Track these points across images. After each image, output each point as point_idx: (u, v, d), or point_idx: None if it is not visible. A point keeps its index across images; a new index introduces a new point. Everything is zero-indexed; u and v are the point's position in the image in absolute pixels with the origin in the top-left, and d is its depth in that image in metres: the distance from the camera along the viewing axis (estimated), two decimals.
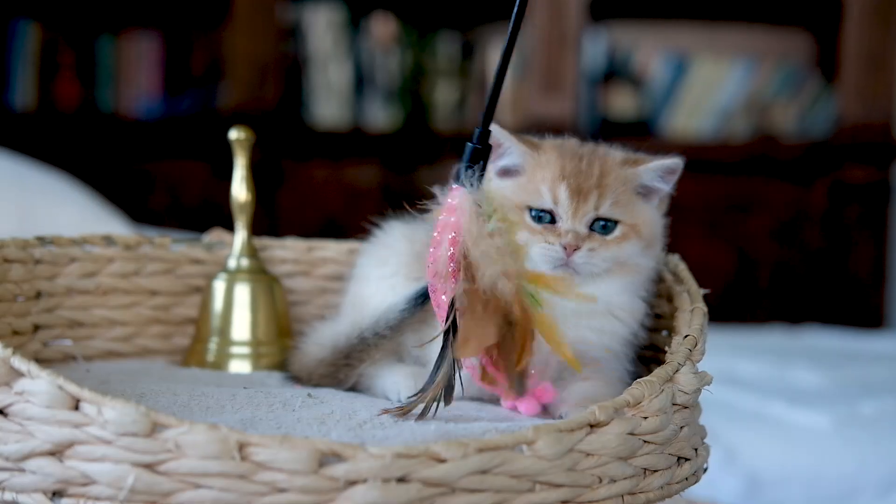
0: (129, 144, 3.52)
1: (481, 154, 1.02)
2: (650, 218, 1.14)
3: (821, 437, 1.97)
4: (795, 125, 3.56)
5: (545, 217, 1.10)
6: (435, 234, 1.00)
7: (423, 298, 1.09)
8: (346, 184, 3.46)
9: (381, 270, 1.19)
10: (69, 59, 3.56)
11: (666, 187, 1.15)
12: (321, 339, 1.20)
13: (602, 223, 1.10)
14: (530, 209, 1.10)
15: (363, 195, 3.43)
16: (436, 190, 1.02)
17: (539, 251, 1.08)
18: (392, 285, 1.17)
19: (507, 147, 1.12)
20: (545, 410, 1.05)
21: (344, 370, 1.14)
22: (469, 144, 1.02)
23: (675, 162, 1.13)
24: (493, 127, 1.07)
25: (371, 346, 1.13)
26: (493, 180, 1.12)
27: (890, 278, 3.48)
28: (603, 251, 1.09)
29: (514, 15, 1.01)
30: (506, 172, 1.14)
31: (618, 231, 1.10)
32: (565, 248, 1.08)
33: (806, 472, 1.90)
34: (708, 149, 3.48)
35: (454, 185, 1.01)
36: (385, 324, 1.12)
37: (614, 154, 1.14)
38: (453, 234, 0.99)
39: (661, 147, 3.49)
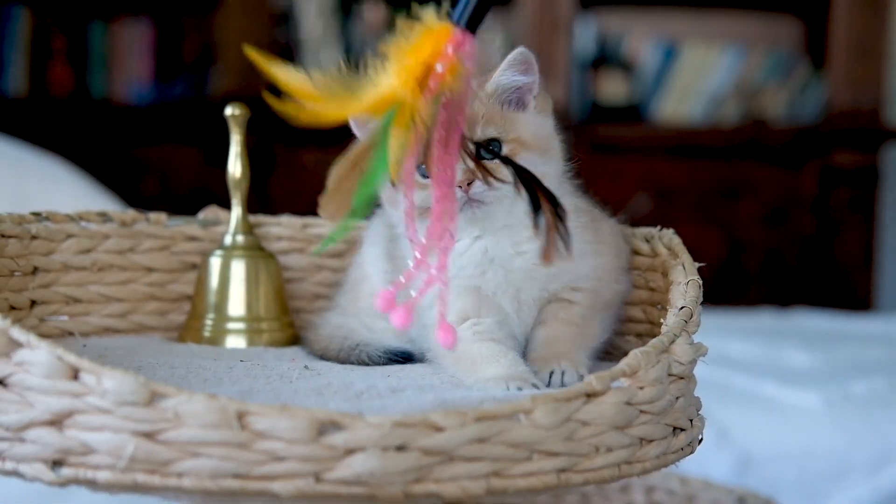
0: (121, 130, 3.51)
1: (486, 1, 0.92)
2: (532, 124, 1.09)
3: (812, 416, 1.98)
4: (785, 111, 3.57)
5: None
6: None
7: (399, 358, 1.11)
8: None
9: (375, 250, 1.20)
10: (61, 45, 3.55)
11: (527, 78, 1.09)
12: (328, 331, 1.21)
13: (490, 146, 1.05)
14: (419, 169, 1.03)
15: None
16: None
17: (422, 199, 1.00)
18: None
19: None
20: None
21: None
22: None
23: (518, 51, 1.08)
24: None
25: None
26: None
27: (878, 262, 3.50)
28: (496, 173, 1.03)
29: None
30: None
31: (505, 150, 1.05)
32: (460, 188, 1.02)
33: (797, 451, 1.91)
34: (698, 134, 3.49)
35: (459, 31, 0.92)
36: (367, 357, 1.13)
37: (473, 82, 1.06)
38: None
39: (651, 132, 3.50)
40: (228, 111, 1.28)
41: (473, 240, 1.09)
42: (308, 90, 0.97)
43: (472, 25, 0.93)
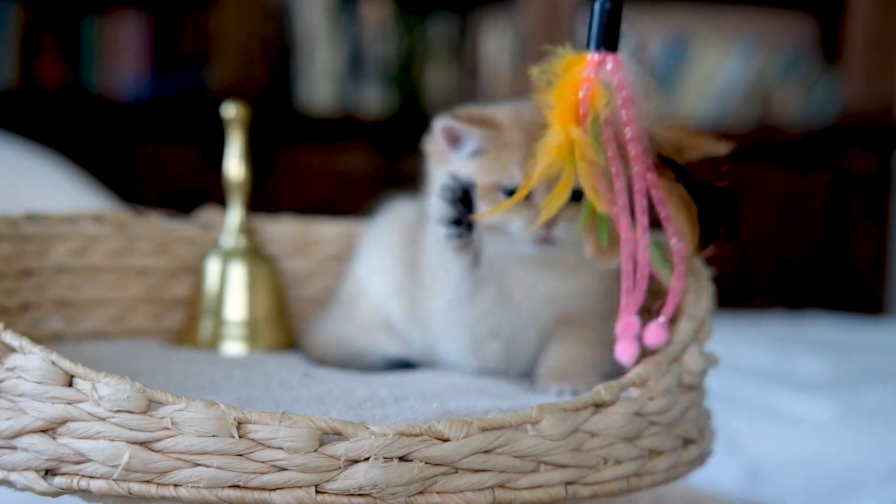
0: (115, 126, 3.49)
1: (616, 12, 0.91)
2: None
3: (823, 426, 1.95)
4: (797, 110, 3.54)
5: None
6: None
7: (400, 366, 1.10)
8: (338, 169, 3.44)
9: (377, 262, 1.18)
10: (52, 39, 3.52)
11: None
12: (327, 337, 1.19)
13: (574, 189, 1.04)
14: (502, 189, 1.04)
15: (355, 181, 3.40)
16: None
17: (520, 227, 1.02)
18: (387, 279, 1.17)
19: (465, 135, 1.06)
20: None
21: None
22: (597, 3, 0.91)
23: None
24: (444, 120, 1.05)
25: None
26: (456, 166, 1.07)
27: (891, 266, 3.48)
28: (580, 218, 1.01)
29: None
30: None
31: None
32: (550, 225, 1.01)
33: (808, 461, 1.89)
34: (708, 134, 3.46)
35: (596, 53, 0.90)
36: (368, 364, 1.12)
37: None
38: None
39: None
40: (229, 112, 1.26)
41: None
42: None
43: (610, 42, 0.92)
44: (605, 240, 0.95)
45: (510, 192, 1.01)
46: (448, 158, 1.08)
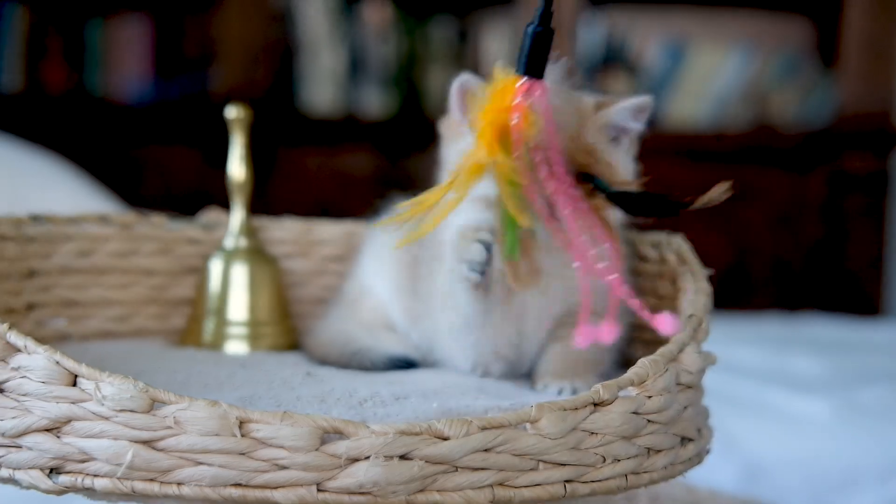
0: (119, 129, 3.50)
1: (546, 39, 0.93)
2: (620, 162, 1.09)
3: (820, 425, 1.96)
4: (794, 113, 3.55)
5: None
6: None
7: (402, 365, 1.10)
8: (340, 171, 3.45)
9: (379, 263, 1.19)
10: (57, 43, 3.53)
11: (637, 126, 1.09)
12: (328, 336, 1.20)
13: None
14: None
15: (356, 182, 3.41)
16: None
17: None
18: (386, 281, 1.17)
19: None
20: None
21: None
22: (530, 29, 0.93)
23: (644, 100, 1.08)
24: (461, 77, 1.07)
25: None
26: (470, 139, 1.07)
27: (888, 268, 3.48)
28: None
29: None
30: None
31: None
32: None
33: (805, 460, 1.89)
34: (705, 137, 3.47)
35: (525, 80, 0.93)
36: (370, 362, 1.12)
37: (587, 101, 1.09)
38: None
39: (657, 134, 3.46)
40: (231, 114, 1.27)
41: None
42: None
43: (536, 70, 0.94)
44: (515, 254, 0.96)
45: None
46: (461, 131, 1.08)
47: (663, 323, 0.92)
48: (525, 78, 0.93)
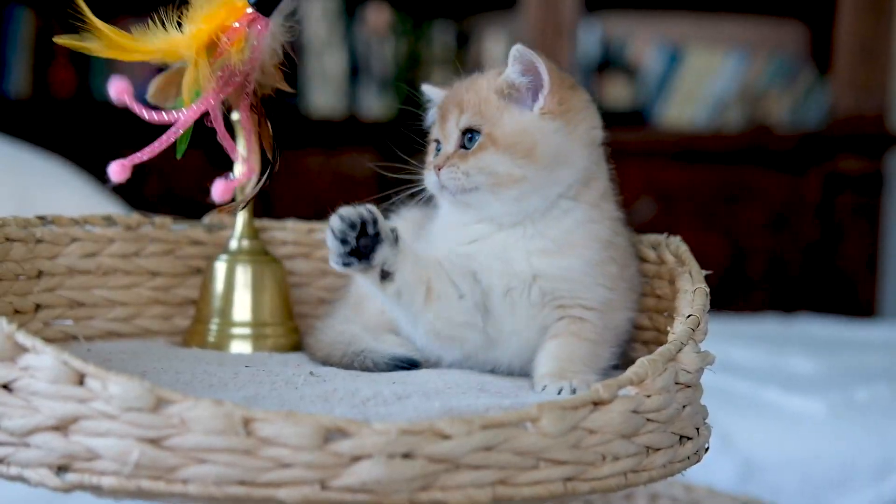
0: (123, 132, 3.51)
1: None
2: (517, 124, 1.09)
3: (816, 423, 1.97)
4: (789, 116, 3.56)
5: (440, 147, 1.14)
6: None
7: (406, 365, 1.12)
8: (341, 172, 3.46)
9: None
10: (64, 47, 3.54)
11: (525, 80, 1.09)
12: (331, 336, 1.21)
13: (469, 136, 1.10)
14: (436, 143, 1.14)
15: (357, 184, 3.42)
16: None
17: (425, 178, 1.12)
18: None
19: (434, 100, 1.18)
20: None
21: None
22: None
23: (515, 48, 1.09)
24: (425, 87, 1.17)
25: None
26: None
27: (882, 268, 3.49)
28: (462, 164, 1.08)
29: None
30: None
31: (476, 142, 1.09)
32: (437, 170, 1.09)
33: (801, 458, 1.90)
34: (701, 139, 3.48)
35: (252, 10, 1.09)
36: (372, 363, 1.13)
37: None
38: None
39: (654, 136, 3.49)
40: (235, 116, 1.28)
41: (490, 232, 1.11)
42: (113, 34, 1.27)
43: (267, 8, 1.11)
44: (181, 151, 1.22)
45: (437, 146, 1.15)
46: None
47: (215, 188, 1.15)
48: (253, 9, 1.08)
